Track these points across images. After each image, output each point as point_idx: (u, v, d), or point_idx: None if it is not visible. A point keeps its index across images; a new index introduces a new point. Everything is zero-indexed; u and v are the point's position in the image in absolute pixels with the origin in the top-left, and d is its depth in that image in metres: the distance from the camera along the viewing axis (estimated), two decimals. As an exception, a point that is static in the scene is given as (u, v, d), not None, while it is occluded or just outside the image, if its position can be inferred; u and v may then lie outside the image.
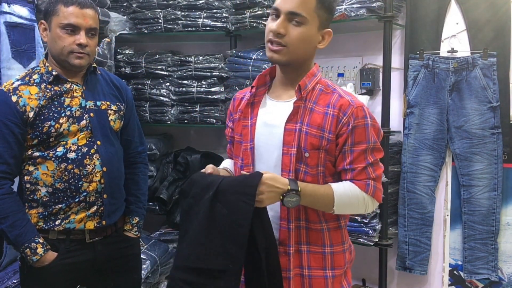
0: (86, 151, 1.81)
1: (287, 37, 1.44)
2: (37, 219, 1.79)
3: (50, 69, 1.82)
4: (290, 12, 1.43)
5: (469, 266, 2.46)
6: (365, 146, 1.46)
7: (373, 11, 2.44)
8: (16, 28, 2.30)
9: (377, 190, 1.48)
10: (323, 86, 1.51)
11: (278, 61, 1.48)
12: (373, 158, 1.47)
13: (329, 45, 1.42)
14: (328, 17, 1.49)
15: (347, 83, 2.53)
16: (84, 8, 1.78)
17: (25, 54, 2.34)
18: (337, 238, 1.52)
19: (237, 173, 1.59)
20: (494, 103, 2.36)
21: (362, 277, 2.79)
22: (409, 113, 2.52)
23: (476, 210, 2.43)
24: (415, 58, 2.50)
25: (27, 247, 1.73)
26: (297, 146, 1.45)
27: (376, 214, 2.46)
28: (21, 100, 1.75)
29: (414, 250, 2.54)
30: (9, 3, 2.29)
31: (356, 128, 1.45)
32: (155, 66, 3.09)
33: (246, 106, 1.58)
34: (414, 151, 2.52)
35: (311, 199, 1.42)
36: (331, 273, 1.50)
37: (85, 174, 1.79)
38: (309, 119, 1.46)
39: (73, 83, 1.84)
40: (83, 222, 1.82)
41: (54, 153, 1.78)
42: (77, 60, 1.78)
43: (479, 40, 2.41)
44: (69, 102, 1.81)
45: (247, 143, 1.54)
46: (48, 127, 1.76)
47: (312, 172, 1.46)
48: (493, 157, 2.38)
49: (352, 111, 1.44)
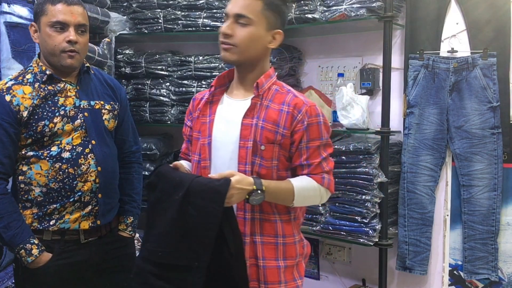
0: (80, 150, 1.80)
1: (235, 37, 1.56)
2: (31, 220, 1.79)
3: (43, 68, 1.82)
4: (236, 15, 1.56)
5: (469, 266, 2.46)
6: (319, 142, 1.59)
7: (373, 11, 2.44)
8: (16, 28, 2.30)
9: (331, 182, 1.64)
10: (279, 87, 1.64)
11: (230, 59, 1.60)
12: (326, 153, 1.62)
13: (329, 45, 1.45)
14: (277, 19, 1.60)
15: (347, 83, 2.53)
16: (71, 5, 1.78)
17: (25, 54, 2.34)
18: (289, 230, 1.63)
19: (195, 169, 1.67)
20: (494, 103, 2.36)
21: (362, 277, 2.79)
22: (409, 113, 2.52)
23: (476, 210, 2.43)
24: (415, 58, 2.50)
25: (22, 248, 1.73)
26: (253, 140, 1.55)
27: (376, 214, 2.46)
28: (14, 100, 1.75)
29: (414, 250, 2.54)
30: (9, 3, 2.29)
31: (311, 126, 1.57)
32: (155, 66, 3.09)
33: (205, 105, 1.68)
34: (414, 151, 2.52)
35: (274, 196, 1.54)
36: (283, 263, 1.60)
37: (80, 173, 1.79)
38: (265, 115, 1.57)
39: (66, 82, 1.84)
40: (77, 222, 1.82)
41: (48, 152, 1.78)
42: (68, 60, 1.79)
43: (479, 40, 2.41)
44: (63, 102, 1.81)
45: (204, 138, 1.64)
46: (42, 127, 1.76)
47: (266, 165, 1.57)
48: (493, 157, 2.38)
49: (306, 110, 1.57)
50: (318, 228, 2.58)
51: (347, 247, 2.83)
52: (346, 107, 2.46)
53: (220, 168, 1.60)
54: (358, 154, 2.45)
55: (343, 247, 2.85)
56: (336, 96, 2.53)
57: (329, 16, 2.53)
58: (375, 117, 2.62)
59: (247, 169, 1.56)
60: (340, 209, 2.51)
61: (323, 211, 2.57)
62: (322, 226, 2.56)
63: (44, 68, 1.82)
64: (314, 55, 2.92)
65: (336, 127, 2.58)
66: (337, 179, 2.51)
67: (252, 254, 1.58)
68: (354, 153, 2.46)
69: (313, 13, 2.58)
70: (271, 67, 1.68)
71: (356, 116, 2.44)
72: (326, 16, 2.54)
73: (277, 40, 1.61)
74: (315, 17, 2.58)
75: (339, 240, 2.62)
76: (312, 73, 2.93)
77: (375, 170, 2.40)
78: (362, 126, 2.45)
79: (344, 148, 2.47)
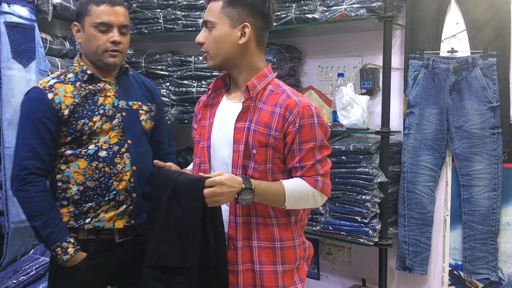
0: (117, 149, 1.83)
1: (206, 44, 1.58)
2: (68, 218, 1.82)
3: (85, 68, 1.86)
4: (204, 22, 1.59)
5: (469, 266, 2.46)
6: (313, 144, 1.54)
7: (373, 11, 2.43)
8: (16, 28, 2.30)
9: (326, 185, 1.59)
10: (274, 87, 1.59)
11: (209, 66, 1.61)
12: (321, 155, 1.57)
13: (329, 45, 1.43)
14: (242, 12, 1.55)
15: (347, 83, 2.53)
16: (115, 5, 1.82)
17: (25, 54, 2.34)
18: (287, 234, 1.59)
19: (196, 172, 1.67)
20: (494, 103, 2.36)
21: (362, 277, 2.79)
22: (409, 113, 2.52)
23: (476, 210, 2.43)
24: (415, 58, 2.50)
25: (59, 246, 1.75)
26: (245, 144, 1.53)
27: (376, 214, 2.46)
28: (57, 98, 1.79)
29: (414, 250, 2.54)
30: (9, 3, 2.29)
31: (303, 127, 1.53)
32: (155, 66, 3.09)
33: (204, 108, 1.68)
34: (414, 151, 2.52)
35: (264, 196, 1.51)
36: (282, 268, 1.57)
37: (115, 172, 1.82)
38: (257, 117, 1.54)
39: (106, 82, 1.88)
40: (112, 221, 1.84)
41: (86, 151, 1.81)
42: (111, 59, 1.83)
43: (479, 40, 2.41)
44: (103, 101, 1.85)
45: (204, 141, 1.64)
46: (82, 125, 1.79)
47: (260, 169, 1.54)
48: (493, 157, 2.38)
49: (298, 111, 1.52)
50: (318, 228, 2.58)
51: (347, 247, 2.83)
52: (346, 107, 2.46)
53: (218, 170, 1.59)
54: (358, 154, 2.45)
55: (343, 247, 2.85)
56: (336, 96, 2.53)
57: (329, 16, 2.53)
58: (375, 117, 2.62)
59: (239, 173, 1.54)
60: (340, 209, 2.51)
61: (323, 211, 2.57)
62: (322, 226, 2.56)
63: (85, 67, 1.86)
64: (314, 55, 2.92)
65: (336, 127, 2.58)
66: (337, 179, 2.51)
67: (248, 259, 1.56)
68: (354, 153, 2.46)
69: (313, 13, 2.58)
70: (267, 65, 1.64)
71: (356, 116, 2.44)
72: (326, 16, 2.54)
73: (248, 34, 1.55)
74: (315, 17, 2.58)
75: (339, 240, 2.62)
76: (312, 73, 2.93)
77: (375, 170, 2.40)
78: (362, 126, 2.45)
79: (344, 148, 2.47)
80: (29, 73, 2.35)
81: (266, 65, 1.64)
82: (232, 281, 1.56)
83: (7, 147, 2.26)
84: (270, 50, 2.75)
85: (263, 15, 1.57)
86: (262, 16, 1.57)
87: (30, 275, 2.21)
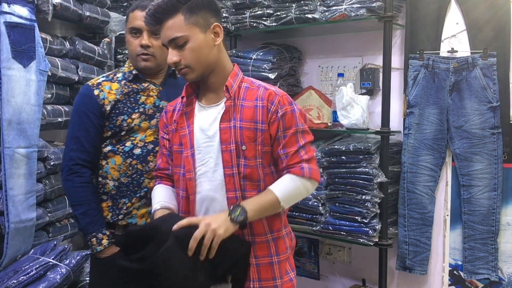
0: (151, 148, 1.89)
1: (183, 60, 1.54)
2: (107, 212, 1.89)
3: (132, 68, 1.94)
4: (170, 41, 1.54)
5: (469, 266, 2.46)
6: (295, 129, 1.57)
7: (373, 11, 2.44)
8: (16, 28, 2.30)
9: (313, 170, 1.58)
10: (248, 84, 1.62)
11: (192, 79, 1.59)
12: (304, 141, 1.58)
13: (329, 45, 1.43)
14: (206, 15, 1.55)
15: (347, 83, 2.53)
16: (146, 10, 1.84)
17: (25, 54, 2.34)
18: (277, 225, 1.62)
19: (181, 182, 1.65)
20: (494, 103, 2.36)
21: (362, 277, 2.79)
22: (409, 113, 2.52)
23: (476, 210, 2.43)
24: (415, 58, 2.50)
25: (94, 237, 1.83)
26: (234, 142, 1.54)
27: (376, 214, 2.46)
28: (101, 94, 1.88)
29: (414, 250, 2.54)
30: (9, 3, 2.29)
31: (285, 115, 1.56)
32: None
33: (180, 116, 1.67)
34: (414, 151, 2.52)
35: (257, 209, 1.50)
36: (277, 259, 1.61)
37: (147, 170, 1.88)
38: (241, 115, 1.56)
39: (151, 83, 1.94)
40: (144, 218, 1.89)
41: (123, 148, 1.88)
42: (143, 63, 1.89)
43: (479, 40, 2.41)
44: (144, 100, 1.91)
45: (187, 150, 1.62)
46: (121, 121, 1.87)
47: (250, 164, 1.56)
48: (493, 157, 2.38)
49: (279, 100, 1.56)
50: (318, 228, 2.58)
51: (347, 247, 2.83)
52: (346, 107, 2.46)
53: (206, 177, 1.59)
54: (358, 154, 2.45)
55: (343, 247, 2.85)
56: (336, 96, 2.53)
57: (329, 16, 2.53)
58: (375, 117, 2.62)
59: (234, 172, 1.55)
60: (340, 209, 2.51)
61: (323, 211, 2.57)
62: (322, 226, 2.56)
63: (132, 68, 1.94)
64: (314, 55, 2.92)
65: (336, 127, 2.58)
66: (337, 179, 2.51)
67: None
68: (354, 153, 2.46)
69: (313, 13, 2.58)
70: (234, 64, 1.66)
71: (356, 116, 2.44)
72: (326, 16, 2.54)
73: (220, 33, 1.58)
74: (315, 17, 2.58)
75: (339, 240, 2.62)
76: (312, 73, 2.94)
77: (375, 170, 2.40)
78: (362, 126, 2.45)
79: (344, 148, 2.47)
80: (29, 73, 2.35)
81: (231, 63, 1.66)
82: None
83: (7, 147, 2.26)
84: (270, 50, 2.75)
85: (219, 12, 1.62)
86: (219, 14, 1.62)
87: (30, 275, 2.21)
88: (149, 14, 1.56)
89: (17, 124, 2.29)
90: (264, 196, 1.54)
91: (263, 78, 2.66)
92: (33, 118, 2.35)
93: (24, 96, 2.33)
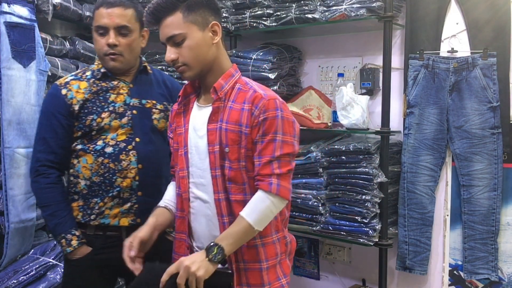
0: (123, 146, 1.85)
1: (181, 57, 1.54)
2: (77, 212, 1.86)
3: (100, 66, 1.89)
4: (168, 38, 1.54)
5: (469, 266, 2.46)
6: (273, 136, 1.50)
7: (373, 11, 2.44)
8: (16, 28, 2.30)
9: (281, 187, 1.50)
10: (242, 85, 1.59)
11: (191, 77, 1.59)
12: (281, 152, 1.50)
13: (329, 45, 1.42)
14: (205, 13, 1.56)
15: (347, 83, 2.53)
16: (111, 7, 1.82)
17: (25, 54, 2.34)
18: (265, 230, 1.55)
19: (176, 179, 1.68)
20: (494, 103, 2.36)
21: (362, 277, 2.79)
22: (409, 113, 2.52)
23: (476, 210, 2.43)
24: (415, 58, 2.50)
25: (63, 238, 1.80)
26: (219, 144, 1.53)
27: (376, 214, 2.46)
28: (69, 93, 1.84)
29: (414, 250, 2.54)
30: (9, 3, 2.29)
31: (267, 120, 1.50)
32: (155, 66, 3.07)
33: (178, 115, 1.67)
34: (414, 151, 2.52)
35: (232, 238, 1.47)
36: (266, 265, 1.57)
37: (119, 169, 1.84)
38: (227, 116, 1.54)
39: (121, 80, 1.90)
40: (117, 218, 1.86)
41: (94, 146, 1.84)
42: (111, 63, 1.84)
43: (479, 40, 2.41)
44: (114, 98, 1.87)
45: (181, 149, 1.65)
46: (91, 121, 1.83)
47: (234, 167, 1.53)
48: (493, 157, 2.38)
49: (264, 104, 1.51)
50: (318, 228, 2.58)
51: (347, 247, 2.83)
52: (346, 107, 2.46)
53: (197, 176, 1.60)
54: (358, 154, 2.45)
55: (343, 247, 2.85)
56: (336, 96, 2.52)
57: (329, 16, 2.53)
58: (375, 117, 2.62)
59: (217, 174, 1.54)
60: (340, 209, 2.51)
61: (323, 211, 2.57)
62: (322, 226, 2.56)
63: (101, 66, 1.89)
64: (314, 55, 2.92)
65: (336, 127, 2.58)
66: (337, 179, 2.51)
67: (233, 259, 1.56)
68: (354, 153, 2.46)
69: (313, 13, 2.58)
70: (233, 64, 1.64)
71: (356, 116, 2.44)
72: (326, 16, 2.54)
73: (219, 32, 1.57)
74: (315, 17, 2.58)
75: (339, 240, 2.62)
76: (312, 73, 2.93)
77: (375, 170, 2.40)
78: (362, 126, 2.45)
79: (344, 148, 2.47)
80: (29, 73, 2.35)
81: (231, 63, 1.64)
82: None
83: (7, 147, 2.26)
84: (270, 50, 2.75)
85: (218, 11, 1.61)
86: (218, 12, 1.61)
87: (30, 275, 2.21)
88: (148, 13, 1.56)
89: (17, 124, 2.30)
90: (237, 225, 1.49)
91: (263, 78, 2.66)
92: (33, 118, 2.35)
93: (24, 96, 2.34)
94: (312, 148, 2.59)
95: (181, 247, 1.66)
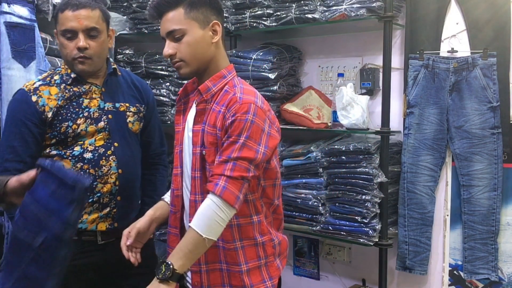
0: (102, 152, 1.81)
1: (179, 53, 1.54)
2: None
3: (69, 71, 1.83)
4: (168, 33, 1.54)
5: (469, 266, 2.46)
6: (235, 138, 1.45)
7: (373, 11, 2.44)
8: (16, 28, 2.30)
9: (227, 190, 1.41)
10: (229, 87, 1.56)
11: (186, 74, 1.58)
12: (238, 154, 1.43)
13: (329, 45, 1.42)
14: (207, 12, 1.55)
15: (347, 83, 2.53)
16: (78, 9, 1.75)
17: (25, 54, 2.34)
18: (247, 233, 1.55)
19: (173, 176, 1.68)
20: (494, 103, 2.36)
21: (362, 277, 2.79)
22: (409, 113, 2.52)
23: (476, 210, 2.43)
24: (415, 58, 2.50)
25: None
26: (200, 146, 1.53)
27: (376, 214, 2.46)
28: (40, 100, 1.77)
29: (414, 250, 2.54)
30: (9, 3, 2.29)
31: (234, 122, 1.46)
32: (155, 66, 3.09)
33: (177, 114, 1.68)
34: (414, 151, 2.52)
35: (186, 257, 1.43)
36: (246, 267, 1.56)
37: (100, 175, 1.80)
38: (209, 119, 1.53)
39: (92, 84, 1.85)
40: (95, 223, 1.82)
41: (71, 152, 1.79)
42: (80, 66, 1.79)
43: (479, 40, 2.41)
44: (88, 103, 1.82)
45: (177, 147, 1.66)
46: (66, 128, 1.78)
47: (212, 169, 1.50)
48: (493, 157, 2.38)
49: (236, 107, 1.47)
50: (318, 228, 2.57)
51: (347, 247, 2.83)
52: (346, 107, 2.46)
53: (186, 174, 1.62)
54: (358, 154, 2.45)
55: (343, 247, 2.85)
56: (336, 96, 2.53)
57: (329, 16, 2.53)
58: (375, 117, 2.62)
59: (197, 175, 1.54)
60: (340, 209, 2.51)
61: (323, 211, 2.57)
62: (322, 226, 2.56)
63: (70, 70, 1.83)
64: (314, 55, 2.92)
65: (336, 127, 2.58)
66: (337, 179, 2.51)
67: (214, 259, 1.56)
68: (354, 153, 2.46)
69: (313, 13, 2.58)
70: (229, 65, 1.62)
71: (356, 116, 2.44)
72: (326, 16, 2.54)
73: (219, 31, 1.56)
74: (315, 17, 2.58)
75: (339, 240, 2.62)
76: (312, 73, 2.93)
77: (375, 170, 2.40)
78: (362, 126, 2.45)
79: (344, 148, 2.47)
80: (29, 73, 2.35)
81: (228, 64, 1.62)
82: (196, 281, 1.58)
83: (7, 147, 2.26)
84: (270, 50, 2.75)
85: (221, 11, 1.61)
86: (221, 12, 1.60)
87: (30, 275, 2.21)
88: (151, 6, 1.56)
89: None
90: (185, 238, 1.45)
91: (263, 78, 2.66)
92: (33, 118, 2.34)
93: (24, 96, 2.33)
94: (312, 148, 2.59)
95: (174, 241, 1.66)
